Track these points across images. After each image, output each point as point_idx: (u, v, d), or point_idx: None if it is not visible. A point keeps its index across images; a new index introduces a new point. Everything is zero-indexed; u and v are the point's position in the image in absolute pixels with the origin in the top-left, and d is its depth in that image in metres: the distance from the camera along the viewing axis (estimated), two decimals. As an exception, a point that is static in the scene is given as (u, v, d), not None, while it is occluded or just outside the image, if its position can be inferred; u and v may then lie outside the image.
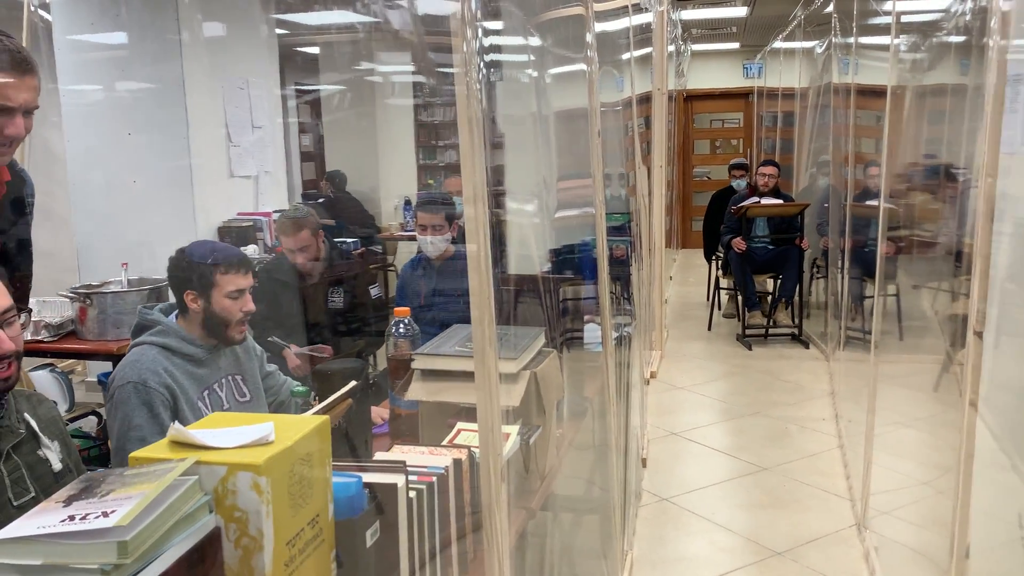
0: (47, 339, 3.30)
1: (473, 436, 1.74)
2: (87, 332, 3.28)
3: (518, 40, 2.65)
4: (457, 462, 1.52)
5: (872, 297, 4.09)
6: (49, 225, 5.15)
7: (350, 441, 1.78)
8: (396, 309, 2.31)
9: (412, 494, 1.30)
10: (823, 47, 6.24)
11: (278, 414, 1.75)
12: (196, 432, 0.98)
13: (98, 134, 4.56)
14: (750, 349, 5.96)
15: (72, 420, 3.41)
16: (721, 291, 6.88)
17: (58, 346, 3.30)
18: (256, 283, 3.61)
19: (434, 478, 1.41)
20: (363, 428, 2.03)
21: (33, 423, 1.56)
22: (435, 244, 3.34)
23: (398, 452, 1.60)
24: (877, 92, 4.58)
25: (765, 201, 6.15)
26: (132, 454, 0.96)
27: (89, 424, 3.66)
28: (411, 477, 1.33)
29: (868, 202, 4.79)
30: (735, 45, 10.50)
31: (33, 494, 1.49)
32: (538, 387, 2.01)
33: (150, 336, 2.09)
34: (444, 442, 1.77)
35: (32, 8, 4.77)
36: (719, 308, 6.89)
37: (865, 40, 4.33)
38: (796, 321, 6.15)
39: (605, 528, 2.70)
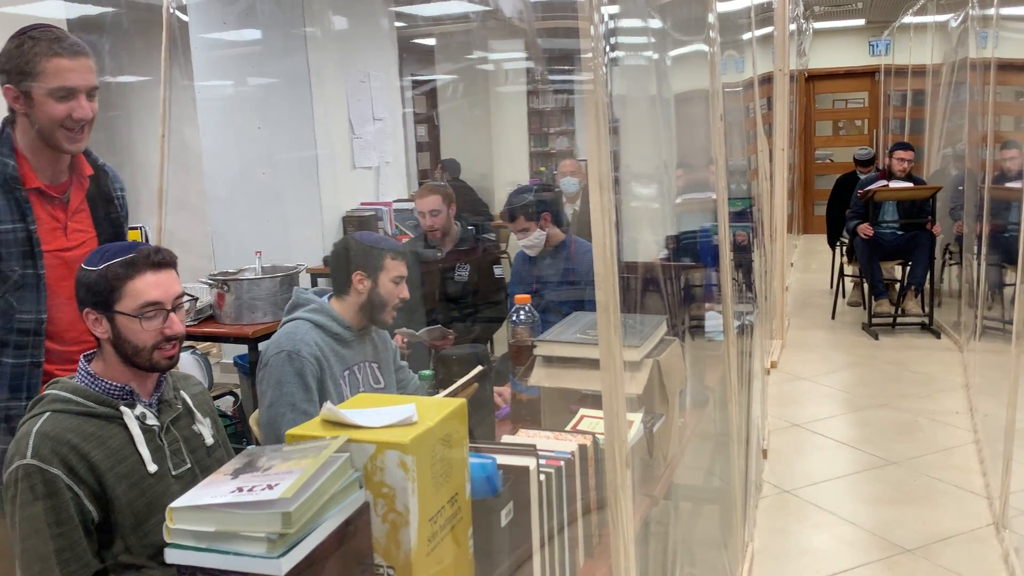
0: (188, 323, 3.50)
1: (596, 423, 1.75)
2: (224, 317, 3.46)
3: (638, 23, 2.62)
4: (582, 448, 1.54)
5: (1013, 285, 3.86)
6: (186, 215, 5.47)
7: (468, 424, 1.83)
8: (516, 296, 2.34)
9: (542, 477, 1.33)
10: (958, 20, 5.89)
11: (417, 396, 1.81)
12: (346, 412, 1.03)
13: (230, 128, 4.80)
14: (877, 339, 5.72)
15: (210, 399, 3.62)
16: (846, 278, 6.62)
17: (198, 330, 3.50)
18: None
19: (562, 462, 1.43)
20: (485, 412, 2.07)
21: (188, 400, 1.68)
22: (530, 245, 3.40)
23: (524, 436, 1.63)
24: (1019, 67, 4.29)
25: (894, 184, 5.87)
26: (288, 431, 1.02)
27: (225, 404, 3.88)
28: (540, 461, 1.35)
29: (1009, 184, 4.51)
30: (860, 22, 10.03)
31: (189, 465, 1.60)
32: (661, 375, 2.00)
33: (304, 312, 2.21)
34: (567, 428, 1.79)
35: (171, 10, 5.06)
36: (843, 296, 6.64)
37: (1007, 11, 4.06)
38: (927, 310, 5.85)
39: (725, 518, 2.66)
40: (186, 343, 3.75)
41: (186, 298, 1.62)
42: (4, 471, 1.44)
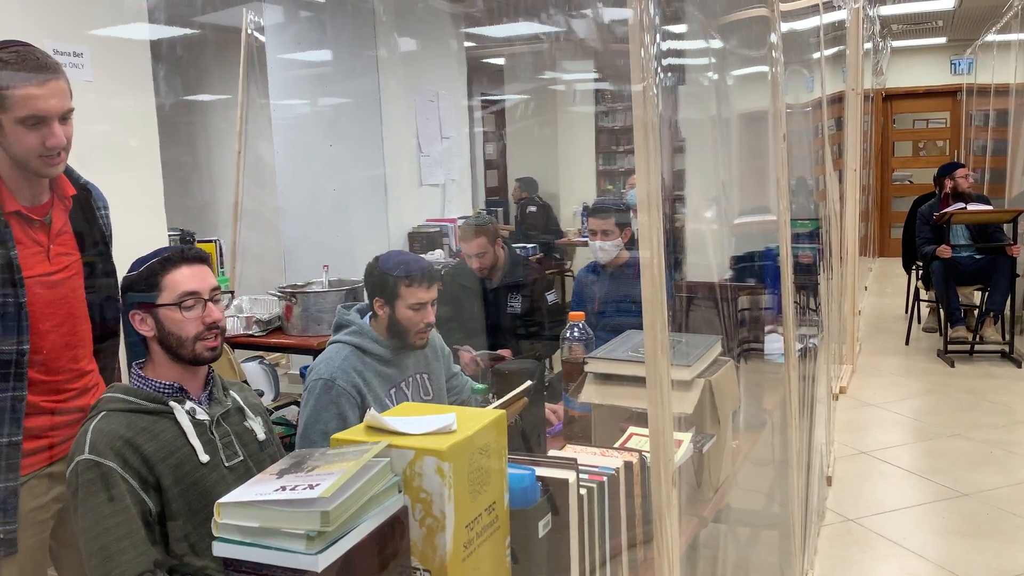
0: (257, 333, 3.62)
1: (644, 440, 1.75)
2: (292, 328, 3.57)
3: (699, 43, 2.62)
4: (628, 464, 1.54)
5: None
6: (260, 229, 5.66)
7: (525, 438, 1.85)
8: (571, 313, 2.35)
9: (583, 491, 1.34)
10: (1044, 38, 5.70)
11: (459, 406, 1.85)
12: (388, 419, 1.07)
13: (303, 145, 4.96)
14: (952, 366, 5.53)
15: (276, 408, 3.72)
16: (921, 303, 6.43)
17: (266, 340, 3.61)
18: (440, 286, 3.80)
19: (604, 478, 1.44)
20: (537, 426, 2.10)
21: (239, 400, 1.76)
22: (605, 250, 3.34)
23: (570, 451, 1.64)
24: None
25: (972, 207, 5.69)
26: (333, 436, 1.07)
27: (291, 413, 3.98)
28: (582, 475, 1.37)
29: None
30: (941, 40, 9.77)
31: (241, 458, 1.67)
32: (713, 396, 1.99)
33: (345, 335, 2.25)
34: (615, 445, 1.80)
35: (249, 32, 5.27)
36: (919, 321, 6.44)
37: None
38: (1007, 337, 5.63)
39: (784, 545, 2.61)
40: (255, 353, 3.89)
41: (224, 295, 1.71)
42: (67, 470, 1.53)
